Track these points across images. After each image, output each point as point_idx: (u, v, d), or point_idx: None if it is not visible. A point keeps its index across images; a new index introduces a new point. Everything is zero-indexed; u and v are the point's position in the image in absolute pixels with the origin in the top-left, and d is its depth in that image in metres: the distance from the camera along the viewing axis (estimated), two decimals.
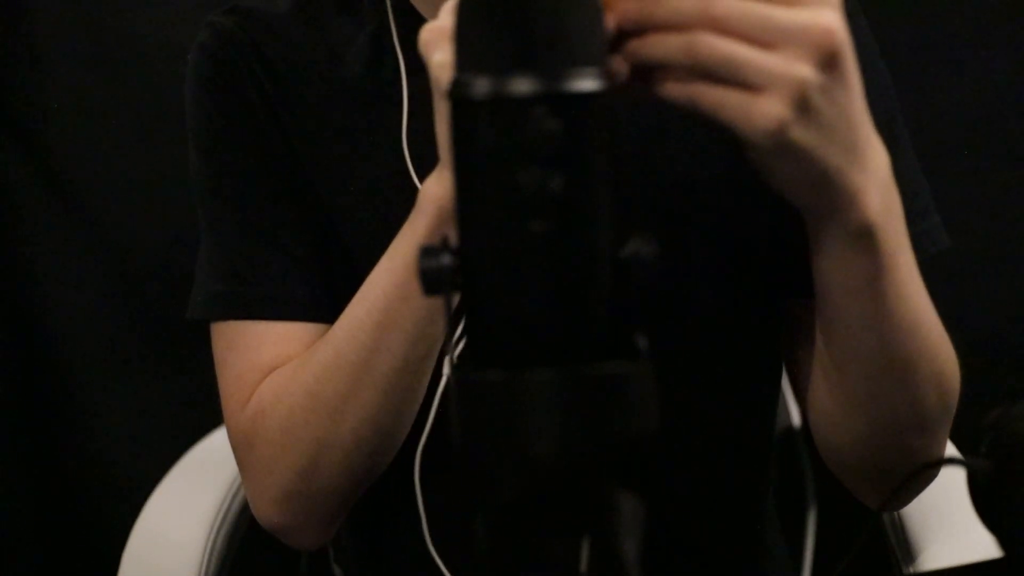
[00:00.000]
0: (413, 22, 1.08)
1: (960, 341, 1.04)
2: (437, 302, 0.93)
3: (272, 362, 1.10)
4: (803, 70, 0.78)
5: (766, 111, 0.78)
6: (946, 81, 1.60)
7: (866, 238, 0.88)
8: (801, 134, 0.80)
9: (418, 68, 1.03)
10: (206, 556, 1.25)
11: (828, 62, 0.79)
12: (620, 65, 0.80)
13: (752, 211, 1.07)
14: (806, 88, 0.78)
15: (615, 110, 0.72)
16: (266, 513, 1.11)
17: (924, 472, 1.01)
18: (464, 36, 0.71)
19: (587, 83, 0.70)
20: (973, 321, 1.52)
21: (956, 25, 1.59)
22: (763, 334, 1.12)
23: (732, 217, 1.07)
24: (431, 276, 0.71)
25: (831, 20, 0.79)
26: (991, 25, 1.60)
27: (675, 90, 0.80)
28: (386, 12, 1.10)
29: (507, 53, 0.69)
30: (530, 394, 0.70)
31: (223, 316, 1.13)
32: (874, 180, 0.86)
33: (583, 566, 0.73)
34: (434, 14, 1.05)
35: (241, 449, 1.12)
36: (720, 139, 1.01)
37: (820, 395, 1.02)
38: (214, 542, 1.26)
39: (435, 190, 0.96)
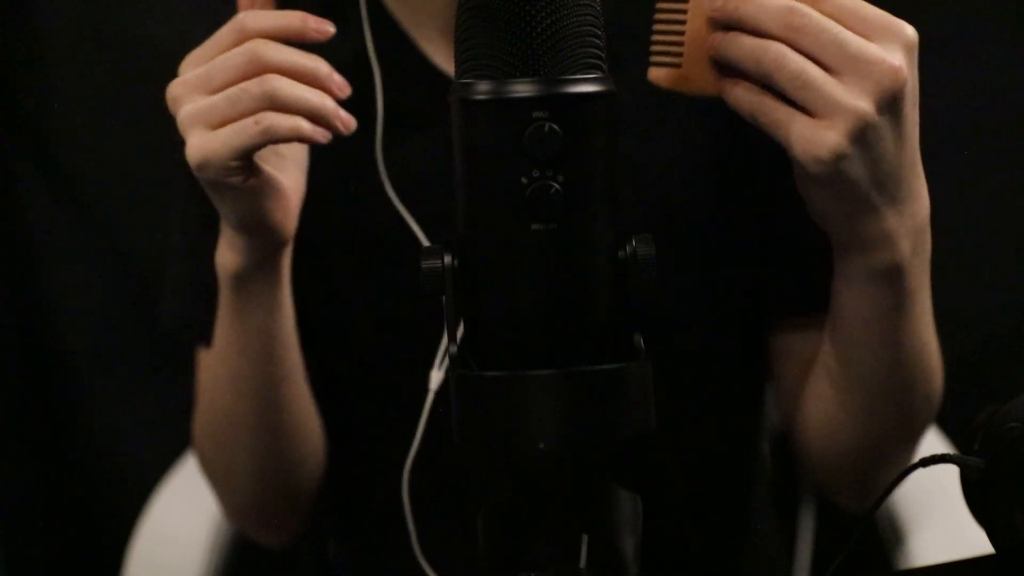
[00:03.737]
0: (396, 36, 1.08)
1: (954, 340, 1.05)
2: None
3: None
4: (864, 104, 0.79)
5: (824, 139, 0.79)
6: (942, 83, 1.60)
7: (892, 277, 0.89)
8: (853, 168, 0.81)
9: (396, 84, 1.02)
10: (211, 552, 1.25)
11: (889, 103, 0.80)
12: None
13: (738, 227, 1.07)
14: (865, 123, 0.79)
15: (615, 112, 0.73)
16: (228, 523, 1.19)
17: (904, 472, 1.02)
18: (466, 39, 0.72)
19: (587, 86, 0.71)
20: (967, 321, 1.53)
21: (953, 26, 1.60)
22: (752, 338, 1.12)
23: (718, 233, 1.08)
24: (431, 276, 0.72)
25: (900, 61, 0.80)
26: (989, 27, 1.61)
27: (742, 97, 0.82)
28: (372, 25, 1.06)
29: (508, 56, 0.70)
30: (530, 392, 0.70)
31: (196, 341, 1.13)
32: (909, 224, 0.87)
33: (582, 562, 0.74)
34: (419, 29, 1.05)
35: None
36: (708, 150, 1.01)
37: (816, 406, 1.03)
38: (218, 538, 1.26)
39: (223, 258, 0.96)
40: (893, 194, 0.85)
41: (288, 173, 0.93)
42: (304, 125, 0.85)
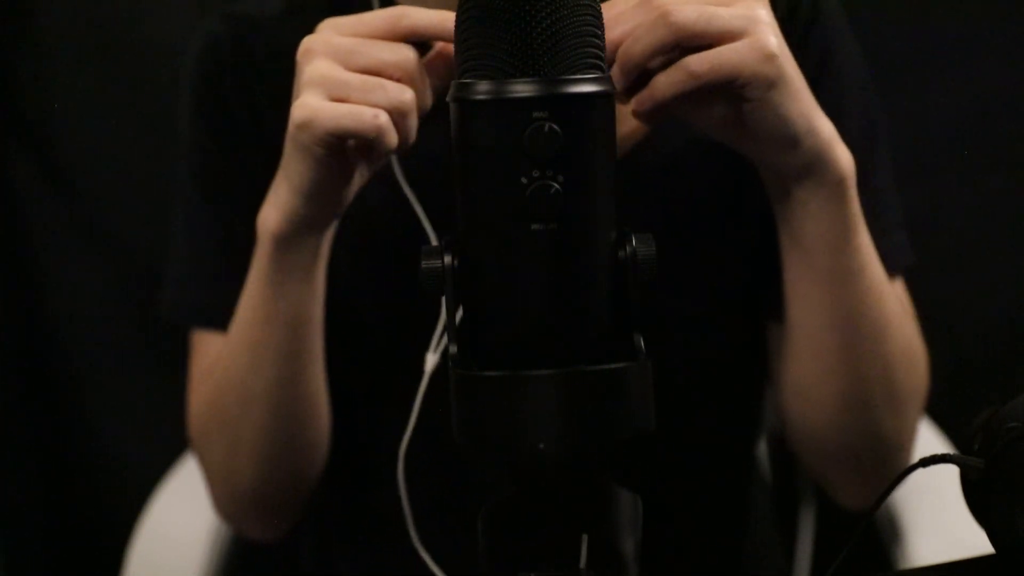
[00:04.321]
0: None
1: (954, 340, 1.06)
2: (295, 315, 0.99)
3: None
4: (761, 9, 0.86)
5: (759, 42, 0.84)
6: (942, 84, 1.61)
7: (840, 188, 0.93)
8: (787, 64, 0.86)
9: None
10: (211, 552, 1.25)
11: (769, 6, 0.87)
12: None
13: (738, 227, 1.07)
14: (771, 22, 0.86)
15: (614, 112, 0.73)
16: (218, 515, 1.17)
17: (905, 467, 1.02)
18: (466, 39, 0.72)
19: (587, 85, 0.71)
20: (967, 321, 1.53)
21: (952, 28, 1.60)
22: (751, 338, 1.12)
23: (718, 233, 1.08)
24: (431, 276, 0.72)
25: None
26: (987, 28, 1.61)
27: (667, 82, 0.85)
28: None
29: (508, 56, 0.70)
30: (530, 392, 0.70)
31: (200, 325, 1.14)
32: (835, 132, 0.92)
33: (582, 563, 0.74)
34: None
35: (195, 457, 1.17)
36: (708, 149, 1.01)
37: (793, 370, 1.04)
38: (218, 538, 1.26)
39: (267, 217, 0.97)
40: (812, 101, 0.90)
41: (367, 155, 0.94)
42: (395, 146, 0.87)
